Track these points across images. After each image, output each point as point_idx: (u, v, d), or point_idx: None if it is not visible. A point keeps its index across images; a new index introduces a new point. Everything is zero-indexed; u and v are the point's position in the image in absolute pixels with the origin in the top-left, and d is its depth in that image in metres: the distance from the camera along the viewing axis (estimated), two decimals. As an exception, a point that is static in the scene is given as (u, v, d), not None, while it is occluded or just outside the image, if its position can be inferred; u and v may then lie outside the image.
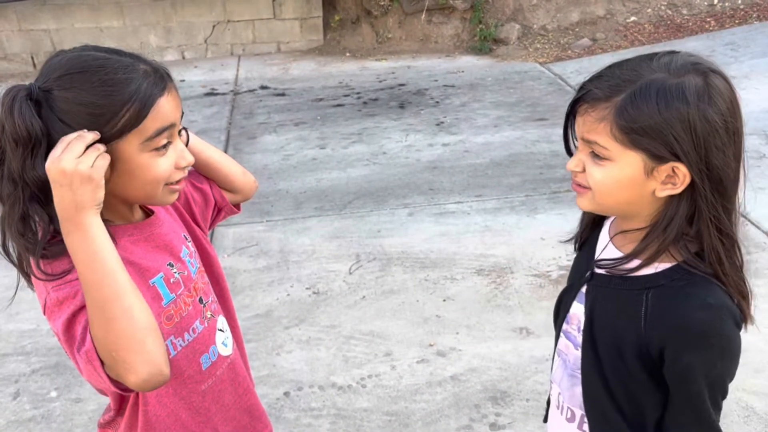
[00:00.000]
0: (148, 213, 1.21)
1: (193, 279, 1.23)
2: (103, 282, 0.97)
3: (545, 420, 1.32)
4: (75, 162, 0.96)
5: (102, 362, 0.98)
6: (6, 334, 2.92)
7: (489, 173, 4.27)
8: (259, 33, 7.42)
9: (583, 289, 1.14)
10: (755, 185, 3.56)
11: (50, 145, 0.99)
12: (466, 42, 7.27)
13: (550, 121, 5.10)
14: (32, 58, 7.19)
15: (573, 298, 1.16)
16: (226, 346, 1.29)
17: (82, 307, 1.00)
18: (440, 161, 4.51)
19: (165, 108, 1.04)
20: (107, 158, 1.01)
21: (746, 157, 1.01)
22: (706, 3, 7.24)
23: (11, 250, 1.04)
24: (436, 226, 3.66)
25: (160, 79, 1.05)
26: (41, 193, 1.01)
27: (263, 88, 6.28)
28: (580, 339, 1.14)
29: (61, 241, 1.01)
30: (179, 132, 1.12)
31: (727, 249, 1.00)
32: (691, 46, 6.20)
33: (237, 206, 1.41)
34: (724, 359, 1.01)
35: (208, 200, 1.35)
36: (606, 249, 1.11)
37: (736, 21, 6.89)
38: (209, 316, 1.26)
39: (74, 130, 0.99)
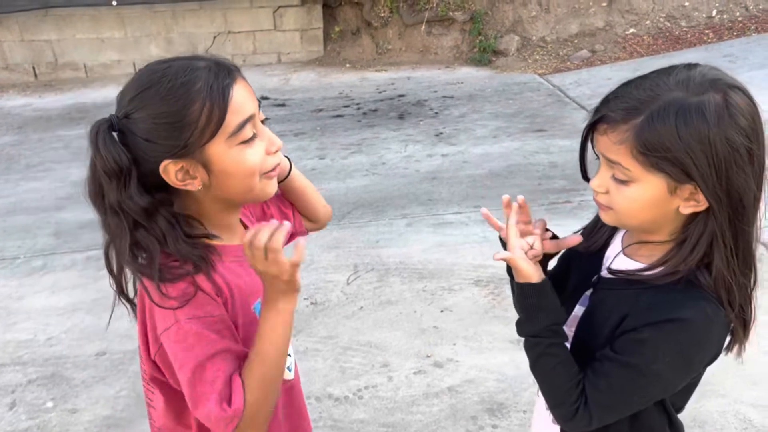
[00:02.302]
0: None
1: None
2: (277, 361, 1.04)
3: None
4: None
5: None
6: (3, 344, 2.92)
7: (488, 184, 4.28)
8: (259, 44, 7.46)
9: (588, 293, 1.14)
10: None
11: (140, 171, 1.01)
12: (465, 53, 7.30)
13: (549, 132, 5.12)
14: (33, 68, 7.22)
15: (576, 302, 1.16)
16: (290, 370, 1.28)
17: (224, 351, 1.02)
18: (439, 172, 4.52)
19: (239, 99, 1.02)
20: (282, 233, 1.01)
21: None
22: (704, 15, 7.27)
23: (124, 284, 1.05)
24: (435, 237, 3.67)
25: (226, 72, 1.03)
26: (144, 220, 1.02)
27: (263, 98, 6.30)
28: None
29: (178, 265, 1.03)
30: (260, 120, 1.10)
31: (736, 273, 0.99)
32: (690, 58, 6.22)
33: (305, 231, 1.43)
34: (682, 352, 0.99)
35: None
36: (618, 258, 1.11)
37: (735, 33, 6.92)
38: None
39: (159, 146, 1.00)
